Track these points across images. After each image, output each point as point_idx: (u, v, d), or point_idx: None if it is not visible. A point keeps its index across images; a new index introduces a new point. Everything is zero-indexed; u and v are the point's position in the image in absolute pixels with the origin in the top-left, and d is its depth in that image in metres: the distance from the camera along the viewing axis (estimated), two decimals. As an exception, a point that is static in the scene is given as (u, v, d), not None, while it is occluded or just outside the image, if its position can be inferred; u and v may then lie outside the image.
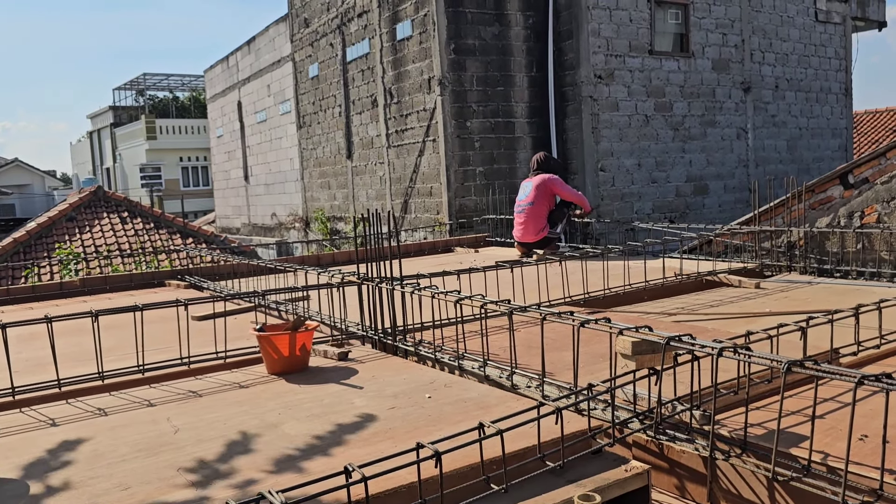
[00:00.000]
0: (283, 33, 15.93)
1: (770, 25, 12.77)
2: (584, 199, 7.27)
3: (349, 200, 13.54)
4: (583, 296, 4.59)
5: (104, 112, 41.53)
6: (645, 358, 2.31)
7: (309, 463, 2.17)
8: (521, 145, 10.91)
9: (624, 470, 2.07)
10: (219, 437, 2.45)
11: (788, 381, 2.55)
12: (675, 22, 11.64)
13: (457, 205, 10.50)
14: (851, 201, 5.69)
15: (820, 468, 1.96)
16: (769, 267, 5.59)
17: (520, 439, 2.08)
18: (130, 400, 2.96)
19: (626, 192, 11.20)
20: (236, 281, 5.90)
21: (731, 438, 2.19)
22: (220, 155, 21.56)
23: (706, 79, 11.96)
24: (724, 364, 2.22)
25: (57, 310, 4.96)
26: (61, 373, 3.09)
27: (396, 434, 2.38)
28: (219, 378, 3.23)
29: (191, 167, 38.09)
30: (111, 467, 2.22)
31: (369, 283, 3.83)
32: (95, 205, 15.88)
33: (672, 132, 11.62)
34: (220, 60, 20.40)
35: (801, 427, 2.23)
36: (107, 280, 6.74)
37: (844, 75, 14.16)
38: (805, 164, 13.45)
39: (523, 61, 10.87)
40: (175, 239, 14.89)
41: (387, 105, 11.88)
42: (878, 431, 1.85)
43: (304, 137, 15.39)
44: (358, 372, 3.22)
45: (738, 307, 4.39)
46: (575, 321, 2.62)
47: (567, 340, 2.70)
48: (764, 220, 6.04)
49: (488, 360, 3.14)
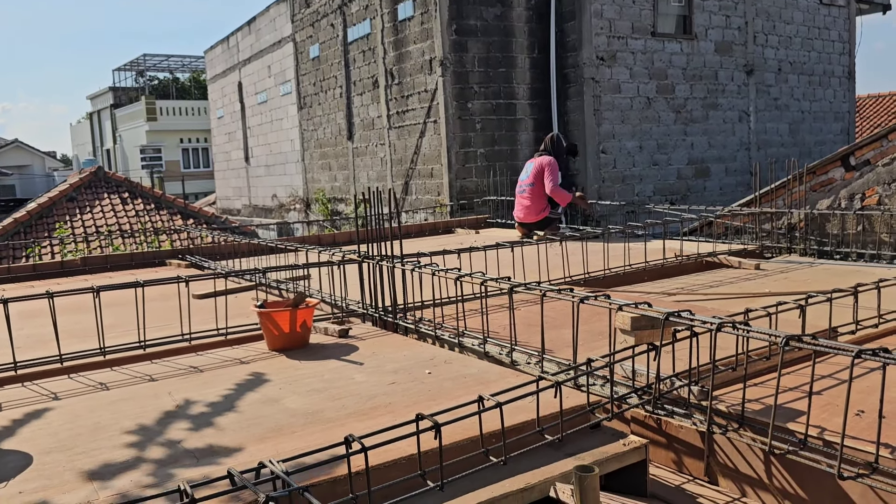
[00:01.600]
0: (284, 13, 15.83)
1: (773, 8, 12.68)
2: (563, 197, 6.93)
3: (350, 182, 13.52)
4: (583, 276, 4.59)
5: (104, 93, 41.34)
6: (644, 334, 2.32)
7: (309, 435, 2.19)
8: (523, 127, 10.87)
9: (622, 444, 2.09)
10: (220, 410, 2.46)
11: (786, 359, 2.57)
12: (677, 4, 11.56)
13: (458, 186, 10.48)
14: (852, 183, 5.68)
15: (816, 442, 1.98)
16: (769, 248, 5.59)
17: (519, 413, 2.09)
18: (132, 375, 2.98)
19: (627, 174, 11.17)
20: (237, 260, 5.90)
21: (728, 413, 2.20)
22: (220, 136, 21.50)
23: (709, 61, 11.90)
24: (722, 341, 2.23)
25: (58, 287, 4.97)
26: (63, 349, 3.10)
27: (396, 408, 2.39)
28: (220, 354, 3.24)
29: (191, 148, 37.96)
30: (112, 439, 2.24)
31: (370, 261, 3.83)
32: (96, 185, 15.87)
33: (674, 115, 11.58)
34: (220, 41, 20.28)
35: (798, 403, 2.24)
36: (108, 259, 6.75)
37: (848, 59, 14.08)
38: (807, 148, 13.41)
39: (525, 42, 10.81)
40: (176, 220, 14.89)
41: (388, 86, 11.83)
42: (874, 407, 1.87)
43: (304, 118, 15.34)
44: (358, 349, 3.23)
45: (737, 287, 4.39)
46: (575, 297, 2.63)
47: (566, 318, 2.71)
48: (765, 202, 6.03)
49: (488, 338, 3.16)
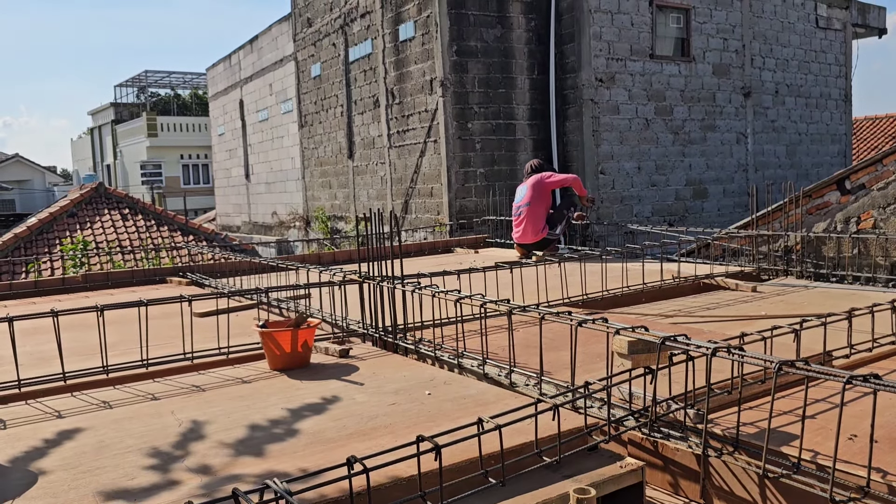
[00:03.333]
0: (286, 33, 15.98)
1: (771, 31, 12.83)
2: (578, 179, 7.28)
3: (350, 200, 13.59)
4: (581, 297, 4.63)
5: (105, 109, 41.56)
6: (640, 357, 2.35)
7: (311, 456, 2.22)
8: (522, 147, 10.96)
9: (619, 466, 2.12)
10: (222, 430, 2.49)
11: (781, 382, 2.61)
12: (676, 26, 11.70)
13: (457, 205, 10.55)
14: (848, 207, 5.74)
15: (809, 466, 2.01)
16: (766, 271, 5.63)
17: (517, 435, 2.13)
18: (134, 393, 3.01)
19: (625, 195, 11.25)
20: (237, 278, 5.94)
21: (723, 437, 2.23)
22: (221, 153, 21.61)
23: (707, 83, 12.01)
24: (718, 364, 2.27)
25: (60, 305, 5.01)
26: (66, 366, 3.13)
27: (397, 429, 2.42)
28: (221, 373, 3.27)
29: (192, 165, 38.11)
30: (116, 458, 2.26)
31: (370, 282, 3.87)
32: (96, 201, 15.89)
33: (672, 136, 11.67)
34: (222, 59, 20.45)
35: (792, 427, 2.28)
36: (109, 276, 6.79)
37: (844, 81, 14.22)
38: (804, 170, 13.51)
39: (525, 64, 10.92)
40: (176, 236, 14.92)
41: (388, 105, 11.93)
42: (866, 431, 1.90)
43: (305, 137, 15.44)
44: (359, 369, 3.26)
45: (734, 310, 4.43)
46: (573, 321, 2.66)
47: (565, 340, 2.75)
48: (762, 224, 6.09)
49: (487, 359, 3.19)
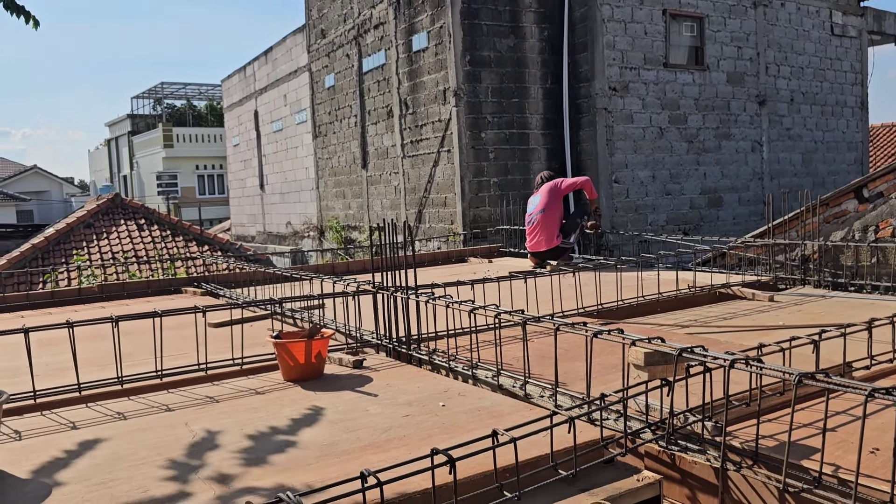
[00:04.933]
0: (300, 44, 16.08)
1: (785, 39, 12.77)
2: (589, 181, 7.28)
3: (364, 210, 13.62)
4: (596, 307, 4.60)
5: (122, 120, 41.98)
6: (657, 369, 2.33)
7: (325, 468, 2.21)
8: (536, 156, 10.94)
9: (636, 479, 2.09)
10: (235, 441, 2.49)
11: (800, 394, 2.56)
12: (689, 35, 11.67)
13: (471, 215, 10.54)
14: (866, 215, 5.68)
15: (831, 480, 1.98)
16: (783, 280, 5.58)
17: (533, 448, 2.10)
18: (149, 404, 3.01)
19: (640, 203, 11.20)
20: (252, 288, 5.96)
21: (742, 450, 2.20)
22: (236, 163, 21.74)
23: (721, 92, 11.96)
24: (736, 376, 2.24)
25: (76, 315, 5.03)
26: (81, 377, 3.14)
27: (411, 441, 2.41)
28: (235, 384, 3.27)
29: (207, 175, 38.38)
30: (130, 469, 2.26)
31: (384, 292, 3.87)
32: (113, 212, 16.03)
33: (686, 145, 11.62)
34: (237, 70, 20.60)
35: (812, 440, 2.24)
36: (124, 286, 6.82)
37: (860, 89, 14.11)
38: (820, 178, 13.40)
39: (538, 73, 10.92)
40: (191, 246, 15.01)
41: (402, 115, 11.96)
42: (889, 445, 1.87)
43: (319, 147, 15.50)
44: (372, 380, 3.25)
45: (751, 320, 4.39)
46: (588, 332, 2.64)
47: (580, 351, 2.73)
48: (778, 233, 6.03)
49: (502, 370, 3.17)
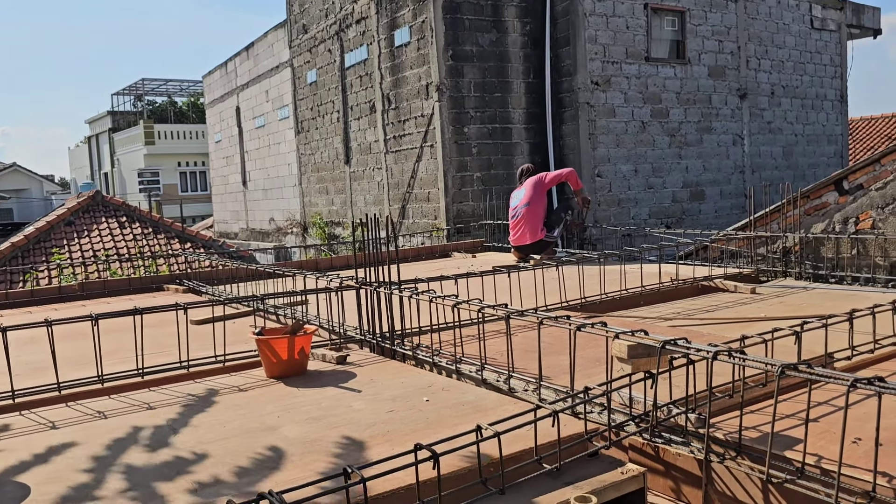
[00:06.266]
0: (282, 39, 15.97)
1: (766, 33, 12.84)
2: (574, 172, 7.28)
3: (347, 206, 13.57)
4: (580, 300, 4.61)
5: (102, 117, 41.56)
6: (641, 361, 2.33)
7: (308, 465, 2.19)
8: (519, 151, 10.94)
9: (620, 472, 2.09)
10: (218, 439, 2.46)
11: (783, 385, 2.58)
12: (671, 29, 11.70)
13: (454, 210, 10.53)
14: (846, 207, 5.72)
15: (814, 470, 1.99)
16: (765, 272, 5.62)
17: (517, 442, 2.10)
18: (130, 403, 2.98)
19: (622, 197, 11.23)
20: (235, 285, 5.91)
21: (726, 441, 2.21)
22: (218, 160, 21.59)
23: (702, 85, 12.02)
24: (719, 368, 2.24)
25: (56, 314, 4.97)
26: (60, 376, 3.10)
27: (394, 437, 2.40)
28: (218, 381, 3.24)
29: (189, 172, 38.10)
30: (111, 469, 2.23)
31: (367, 288, 3.85)
32: (94, 209, 15.88)
33: (668, 138, 11.67)
34: (218, 66, 20.44)
35: (795, 430, 2.25)
36: (105, 284, 6.75)
37: (840, 82, 14.23)
38: (801, 171, 13.51)
39: (521, 68, 10.92)
40: (173, 244, 14.89)
41: (385, 111, 11.92)
42: (871, 434, 1.88)
43: (302, 143, 15.42)
44: (356, 375, 3.24)
45: (733, 312, 4.41)
46: (571, 325, 2.64)
47: (564, 345, 2.73)
48: (760, 225, 6.07)
49: (486, 364, 3.17)
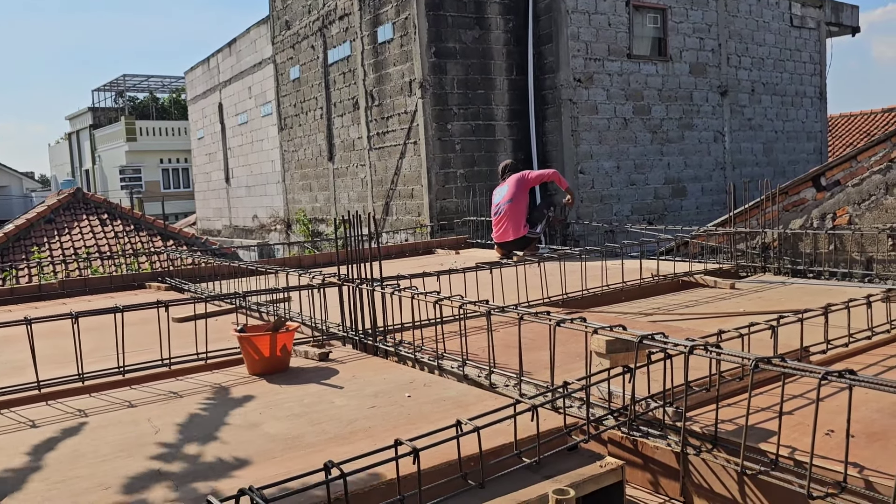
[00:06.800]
0: (265, 35, 15.89)
1: (746, 30, 12.94)
2: (557, 173, 7.31)
3: (331, 202, 13.54)
4: (561, 296, 4.64)
5: (83, 113, 41.11)
6: (619, 356, 2.36)
7: (290, 461, 2.20)
8: (502, 148, 10.97)
9: (599, 466, 2.12)
10: (199, 436, 2.47)
11: (758, 379, 2.62)
12: (653, 26, 11.77)
13: (438, 207, 10.54)
14: (824, 203, 5.80)
15: (787, 462, 2.02)
16: (744, 268, 5.68)
17: (497, 437, 2.12)
18: (111, 401, 2.97)
19: (605, 194, 11.29)
20: (217, 283, 5.89)
21: (702, 434, 2.24)
22: (200, 157, 21.44)
23: (684, 82, 12.10)
24: (696, 362, 2.27)
25: (36, 312, 4.93)
26: (41, 375, 3.09)
27: (376, 432, 2.41)
28: (200, 379, 3.24)
29: (171, 169, 37.79)
30: (92, 467, 2.23)
31: (350, 285, 3.86)
32: (74, 207, 15.73)
33: (650, 135, 11.74)
34: (200, 62, 20.29)
35: (769, 423, 2.29)
36: (86, 282, 6.71)
37: (819, 79, 14.38)
38: (781, 167, 13.64)
39: (503, 65, 10.94)
40: (155, 241, 14.79)
41: (368, 107, 11.90)
42: (843, 426, 1.92)
43: (285, 139, 15.36)
44: (338, 372, 3.25)
45: (712, 307, 4.46)
46: (551, 321, 2.66)
47: (544, 340, 2.75)
48: (739, 221, 6.13)
49: (467, 360, 3.19)
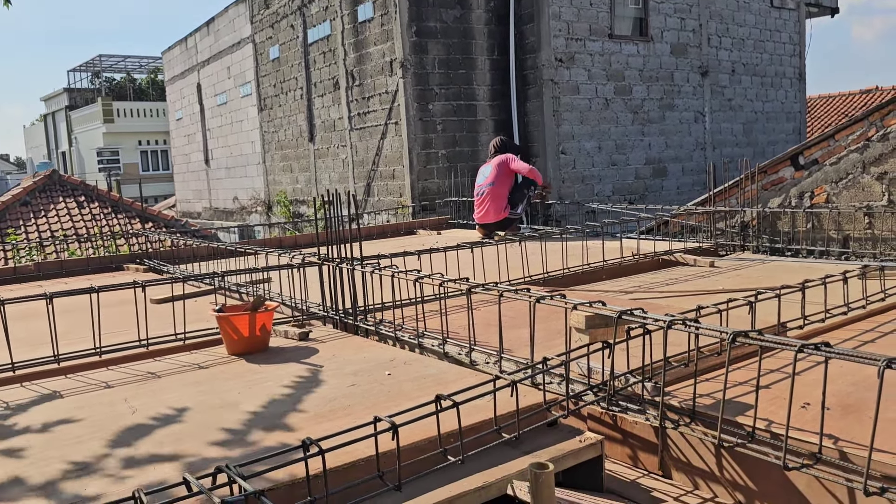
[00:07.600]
0: (243, 14, 15.67)
1: (727, 10, 12.96)
2: (537, 172, 7.33)
3: (312, 184, 13.45)
4: (542, 275, 4.65)
5: (59, 94, 40.44)
6: (598, 332, 2.36)
7: (268, 439, 2.19)
8: (483, 128, 10.93)
9: (578, 441, 2.13)
10: (177, 416, 2.45)
11: (736, 354, 2.64)
12: (634, 6, 11.74)
13: (419, 187, 10.50)
14: (802, 182, 5.84)
15: (764, 434, 2.04)
16: (723, 246, 5.72)
17: (477, 413, 2.12)
18: (87, 382, 2.94)
19: (586, 174, 11.31)
20: (197, 264, 5.84)
21: (680, 409, 2.26)
22: (179, 138, 21.20)
23: (665, 63, 12.10)
24: (675, 338, 2.28)
25: (11, 294, 4.87)
26: (15, 357, 3.05)
27: (355, 410, 2.40)
28: (178, 359, 3.22)
29: (150, 151, 37.33)
30: (66, 448, 2.21)
31: (330, 264, 3.83)
32: (51, 189, 15.52)
33: (631, 115, 11.75)
34: (178, 42, 20.00)
35: (747, 397, 2.31)
36: (63, 264, 6.62)
37: (798, 60, 14.44)
38: (760, 147, 13.72)
39: (485, 45, 10.88)
40: (134, 223, 14.63)
41: (349, 88, 11.80)
42: (819, 399, 1.94)
43: (265, 120, 15.21)
44: (318, 351, 3.23)
45: (692, 285, 4.49)
46: (531, 297, 2.66)
47: (525, 318, 2.75)
48: (719, 201, 6.17)
49: (447, 338, 3.18)
